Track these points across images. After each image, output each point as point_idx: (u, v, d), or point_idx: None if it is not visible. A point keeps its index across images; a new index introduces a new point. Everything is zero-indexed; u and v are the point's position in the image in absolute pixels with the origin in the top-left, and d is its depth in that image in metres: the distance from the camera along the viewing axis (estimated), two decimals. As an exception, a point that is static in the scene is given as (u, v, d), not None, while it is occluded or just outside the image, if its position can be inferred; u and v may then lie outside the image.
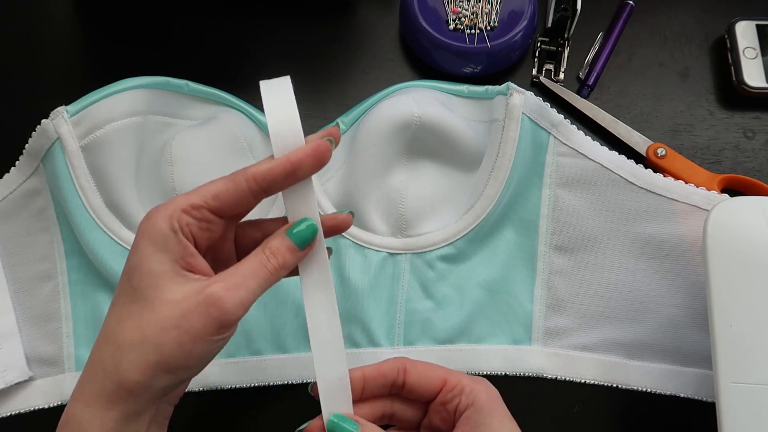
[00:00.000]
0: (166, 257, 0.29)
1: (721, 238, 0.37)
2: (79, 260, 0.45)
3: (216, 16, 0.53)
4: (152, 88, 0.44)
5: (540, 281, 0.45)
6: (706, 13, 0.52)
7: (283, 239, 0.30)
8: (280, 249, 0.30)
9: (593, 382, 0.43)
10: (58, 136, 0.42)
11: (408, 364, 0.34)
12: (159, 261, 0.29)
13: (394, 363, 0.34)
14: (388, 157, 0.44)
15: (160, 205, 0.30)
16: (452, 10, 0.48)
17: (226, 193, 0.30)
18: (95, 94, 0.43)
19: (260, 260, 0.30)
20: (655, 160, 0.47)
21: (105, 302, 0.45)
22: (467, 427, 0.32)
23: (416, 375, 0.33)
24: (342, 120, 0.46)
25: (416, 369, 0.34)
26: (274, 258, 0.30)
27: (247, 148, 0.45)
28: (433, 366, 0.34)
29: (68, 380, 0.44)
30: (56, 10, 0.53)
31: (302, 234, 0.31)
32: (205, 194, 0.30)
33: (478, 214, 0.44)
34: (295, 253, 0.31)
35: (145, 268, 0.29)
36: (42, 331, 0.45)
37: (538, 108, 0.44)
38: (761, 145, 0.49)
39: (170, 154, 0.43)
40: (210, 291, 0.28)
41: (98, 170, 0.43)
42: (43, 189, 0.45)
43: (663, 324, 0.43)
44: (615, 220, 0.44)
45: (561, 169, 0.45)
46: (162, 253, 0.29)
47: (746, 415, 0.34)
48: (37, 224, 0.46)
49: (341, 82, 0.51)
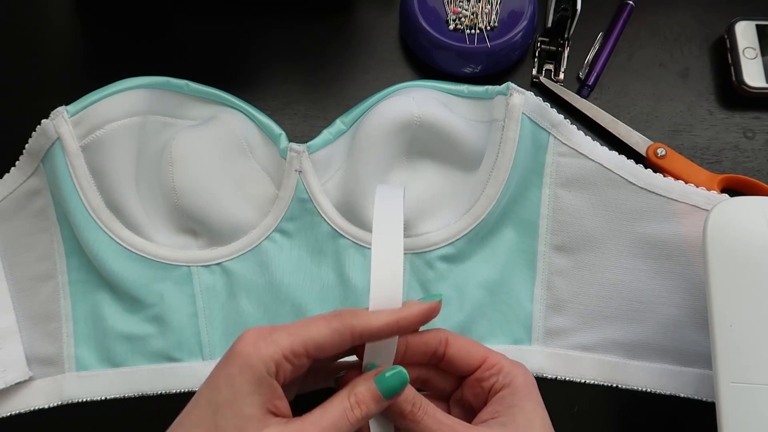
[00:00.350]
0: (258, 400, 0.28)
1: (721, 238, 0.37)
2: (79, 260, 0.45)
3: (216, 15, 0.53)
4: (152, 88, 0.44)
5: (540, 281, 0.45)
6: (706, 13, 0.52)
7: (370, 387, 0.30)
8: (366, 398, 0.30)
9: (593, 382, 0.43)
10: (58, 136, 0.42)
11: (450, 336, 0.34)
12: (251, 403, 0.28)
13: (436, 333, 0.34)
14: (388, 157, 0.44)
15: (259, 334, 0.29)
16: (452, 10, 0.48)
17: (330, 345, 0.30)
18: (95, 94, 0.43)
19: (344, 409, 0.30)
20: (655, 160, 0.47)
21: (105, 302, 0.45)
22: (499, 407, 0.32)
23: (457, 348, 0.34)
24: (342, 120, 0.46)
25: (458, 343, 0.34)
26: (358, 408, 0.30)
27: (247, 148, 0.45)
28: (474, 342, 0.34)
29: (68, 380, 0.44)
30: (55, 10, 0.53)
31: (390, 383, 0.30)
32: (308, 343, 0.29)
33: (478, 214, 0.43)
34: (379, 403, 0.30)
35: (236, 408, 0.28)
36: (42, 331, 0.45)
37: (538, 108, 0.43)
38: (761, 145, 0.49)
39: (170, 154, 0.43)
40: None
41: (98, 170, 0.43)
42: (43, 189, 0.45)
43: (663, 324, 0.43)
44: (615, 220, 0.44)
45: (561, 169, 0.45)
46: (255, 395, 0.28)
47: (746, 415, 0.34)
48: (37, 224, 0.46)
49: (341, 82, 0.51)
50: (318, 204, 0.45)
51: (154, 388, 0.44)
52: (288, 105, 0.50)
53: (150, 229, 0.44)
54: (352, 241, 0.45)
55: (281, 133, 0.45)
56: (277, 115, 0.50)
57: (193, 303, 0.45)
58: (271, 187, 0.46)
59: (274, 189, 0.46)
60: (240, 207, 0.44)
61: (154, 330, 0.44)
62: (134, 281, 0.44)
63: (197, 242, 0.45)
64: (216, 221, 0.44)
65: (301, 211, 0.45)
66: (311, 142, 0.45)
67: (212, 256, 0.45)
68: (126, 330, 0.44)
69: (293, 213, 0.45)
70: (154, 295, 0.44)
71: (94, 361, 0.45)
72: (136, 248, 0.44)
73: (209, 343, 0.44)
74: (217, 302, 0.45)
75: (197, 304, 0.45)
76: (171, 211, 0.44)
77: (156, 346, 0.44)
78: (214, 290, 0.45)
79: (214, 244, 0.45)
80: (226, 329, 0.45)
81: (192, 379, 0.44)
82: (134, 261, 0.44)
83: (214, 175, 0.44)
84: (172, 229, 0.45)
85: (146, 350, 0.44)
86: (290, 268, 0.45)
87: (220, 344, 0.45)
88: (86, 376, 0.44)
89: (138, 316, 0.44)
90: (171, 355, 0.44)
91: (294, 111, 0.50)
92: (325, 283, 0.45)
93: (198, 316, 0.44)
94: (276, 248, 0.45)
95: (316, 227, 0.45)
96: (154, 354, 0.44)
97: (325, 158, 0.45)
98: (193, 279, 0.45)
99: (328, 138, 0.45)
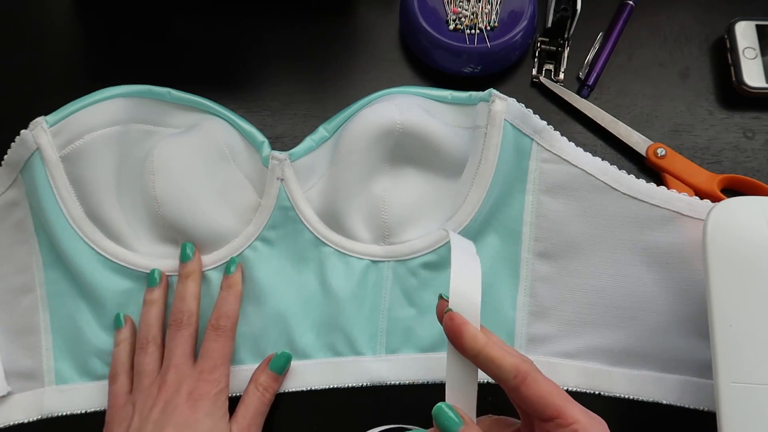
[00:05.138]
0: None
1: (721, 238, 0.37)
2: (58, 272, 0.44)
3: (216, 15, 0.53)
4: (134, 96, 0.44)
5: (523, 288, 0.45)
6: (706, 13, 0.52)
7: (268, 372, 0.41)
8: (267, 381, 0.42)
9: (576, 389, 0.43)
10: (37, 147, 0.42)
11: (530, 377, 0.32)
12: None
13: (515, 367, 0.32)
14: (370, 164, 0.44)
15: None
16: (452, 10, 0.48)
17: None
18: (75, 103, 0.42)
19: (258, 397, 0.41)
20: (655, 160, 0.47)
21: (84, 315, 0.44)
22: None
23: (533, 392, 0.32)
24: (325, 127, 0.46)
25: (536, 386, 0.32)
26: (267, 392, 0.41)
27: (229, 155, 0.45)
28: (552, 391, 0.32)
29: (48, 394, 0.44)
30: (55, 10, 0.53)
31: (279, 363, 0.42)
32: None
33: (461, 221, 0.43)
34: (278, 380, 0.38)
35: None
36: (21, 344, 0.45)
37: (521, 114, 0.43)
38: (761, 145, 0.49)
39: (152, 162, 0.43)
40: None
41: (79, 180, 0.42)
42: (22, 200, 0.45)
43: (646, 330, 0.43)
44: (598, 226, 0.44)
45: (544, 176, 0.44)
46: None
47: (746, 415, 0.34)
48: (16, 236, 0.45)
49: (341, 82, 0.51)
50: (300, 212, 0.44)
51: None
52: (288, 105, 0.50)
53: (132, 238, 0.44)
54: (334, 248, 0.44)
55: (264, 141, 0.45)
56: (277, 115, 0.50)
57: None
58: (253, 195, 0.45)
59: (257, 197, 0.45)
60: (222, 215, 0.44)
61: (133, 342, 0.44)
62: (116, 292, 0.43)
63: (179, 251, 0.45)
64: (198, 230, 0.43)
65: (284, 219, 0.45)
66: (293, 149, 0.45)
67: None
68: (105, 343, 0.44)
69: (275, 221, 0.45)
70: (136, 306, 0.44)
71: (73, 374, 0.44)
72: (118, 258, 0.43)
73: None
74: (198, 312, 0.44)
75: None
76: (153, 221, 0.44)
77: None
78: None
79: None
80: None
81: None
82: (116, 271, 0.43)
83: (196, 184, 0.43)
84: (154, 239, 0.45)
85: None
86: (272, 276, 0.44)
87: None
88: (66, 389, 0.44)
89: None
90: None
91: (294, 111, 0.50)
92: (307, 291, 0.44)
93: None
94: (258, 256, 0.44)
95: (298, 235, 0.45)
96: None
97: (308, 166, 0.45)
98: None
99: (311, 145, 0.45)
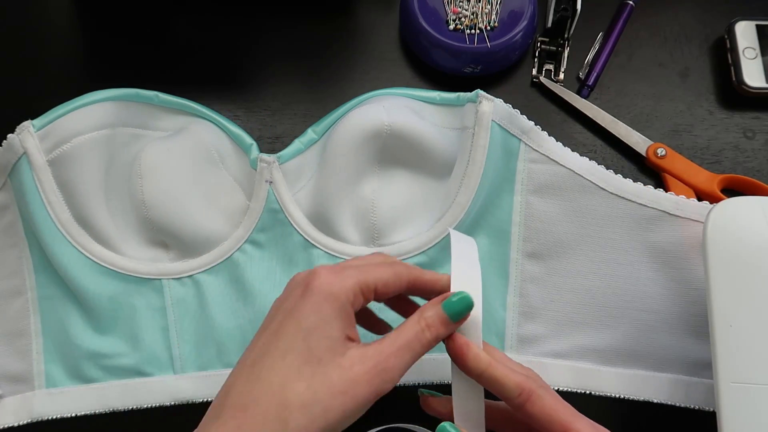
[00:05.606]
0: (340, 325, 0.31)
1: (721, 238, 0.37)
2: (48, 276, 0.44)
3: (216, 15, 0.53)
4: (121, 100, 0.44)
5: (513, 289, 0.45)
6: (706, 13, 0.52)
7: (438, 311, 0.32)
8: (435, 321, 0.32)
9: (566, 389, 0.43)
10: (24, 151, 0.42)
11: (534, 394, 0.32)
12: (337, 328, 0.30)
13: (519, 385, 0.32)
14: (359, 166, 0.43)
15: (333, 270, 0.32)
16: (452, 10, 0.48)
17: (393, 285, 0.33)
18: (62, 107, 0.42)
19: (416, 331, 0.31)
20: (654, 160, 0.47)
21: (74, 318, 0.44)
22: None
23: (538, 409, 0.31)
24: (313, 129, 0.46)
25: (541, 403, 0.31)
26: (428, 331, 0.32)
27: (218, 158, 0.45)
28: (558, 407, 0.32)
29: (38, 397, 0.44)
30: (55, 10, 0.53)
31: (457, 307, 0.32)
32: (378, 281, 0.32)
33: (450, 222, 0.43)
34: (448, 326, 0.32)
35: (326, 331, 0.30)
36: (12, 347, 0.45)
37: (508, 115, 0.43)
38: (761, 145, 0.49)
39: (140, 166, 0.43)
40: (381, 362, 0.30)
41: (66, 184, 0.42)
42: (11, 204, 0.45)
43: (636, 329, 0.43)
44: (587, 225, 0.44)
45: (532, 176, 0.44)
46: (340, 320, 0.31)
47: (746, 415, 0.34)
48: (6, 240, 0.45)
49: (341, 82, 0.51)
50: (289, 214, 0.44)
51: (125, 404, 0.43)
52: (288, 105, 0.50)
53: (120, 242, 0.44)
54: (323, 251, 0.44)
55: (252, 143, 0.45)
56: (277, 115, 0.50)
57: (164, 316, 0.44)
58: (242, 198, 0.45)
59: (246, 200, 0.45)
60: (211, 219, 0.44)
61: (124, 346, 0.44)
62: (105, 295, 0.43)
63: (168, 255, 0.45)
64: (186, 233, 0.43)
65: (273, 221, 0.45)
66: (282, 152, 0.45)
67: (184, 269, 0.44)
68: (95, 346, 0.44)
69: (264, 224, 0.45)
70: (125, 309, 0.44)
71: (64, 377, 0.44)
72: (107, 262, 0.43)
73: (180, 357, 0.44)
74: (188, 315, 0.44)
75: (168, 318, 0.44)
76: (141, 224, 0.44)
77: (126, 362, 0.44)
78: (185, 303, 0.44)
79: (185, 257, 0.45)
80: (197, 342, 0.44)
81: (163, 393, 0.44)
82: (105, 275, 0.43)
83: (185, 187, 0.43)
84: (143, 242, 0.45)
85: (116, 366, 0.44)
86: (262, 279, 0.44)
87: (191, 357, 0.44)
88: (56, 392, 0.44)
89: (108, 332, 0.44)
90: (142, 370, 0.44)
91: (294, 111, 0.50)
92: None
93: (169, 329, 0.44)
94: (247, 259, 0.44)
95: (287, 238, 0.45)
96: (124, 370, 0.44)
97: (297, 168, 0.45)
98: (164, 292, 0.44)
99: (300, 147, 0.45)
